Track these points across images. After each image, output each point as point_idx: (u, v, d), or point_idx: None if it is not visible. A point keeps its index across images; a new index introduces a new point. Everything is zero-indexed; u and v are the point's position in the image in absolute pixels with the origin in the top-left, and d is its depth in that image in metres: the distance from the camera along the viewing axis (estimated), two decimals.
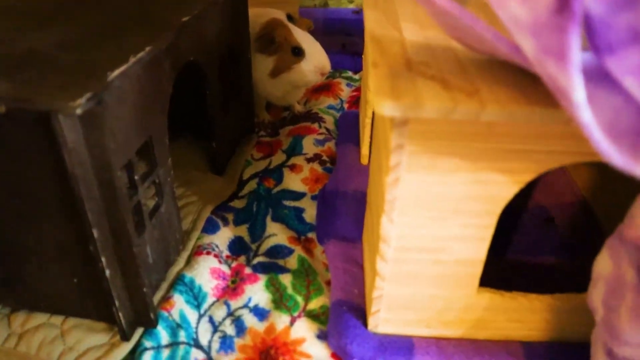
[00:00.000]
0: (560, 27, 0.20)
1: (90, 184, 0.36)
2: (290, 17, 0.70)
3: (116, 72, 0.35)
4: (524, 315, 0.41)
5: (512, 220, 0.53)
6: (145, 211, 0.44)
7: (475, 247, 0.37)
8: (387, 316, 0.42)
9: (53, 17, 0.45)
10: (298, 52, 0.66)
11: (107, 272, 0.39)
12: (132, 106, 0.39)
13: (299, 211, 0.57)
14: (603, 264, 0.34)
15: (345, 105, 0.76)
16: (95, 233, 0.37)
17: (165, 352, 0.43)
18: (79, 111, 0.31)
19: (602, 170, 0.54)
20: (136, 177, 0.41)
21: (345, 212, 0.55)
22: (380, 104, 0.29)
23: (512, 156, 0.32)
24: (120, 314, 0.42)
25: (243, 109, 0.67)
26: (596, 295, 0.34)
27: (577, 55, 0.20)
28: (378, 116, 0.41)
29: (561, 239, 0.52)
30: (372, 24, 0.39)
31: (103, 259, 0.39)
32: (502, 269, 0.46)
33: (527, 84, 0.30)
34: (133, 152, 0.40)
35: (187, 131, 0.68)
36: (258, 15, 0.69)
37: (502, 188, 0.34)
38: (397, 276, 0.39)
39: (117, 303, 0.41)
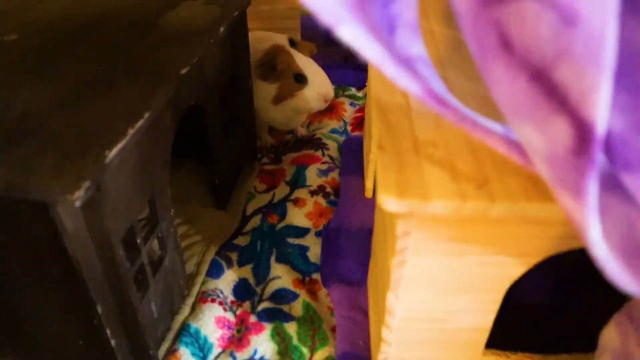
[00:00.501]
0: (578, 168, 0.19)
1: (92, 263, 0.35)
2: (292, 42, 0.69)
3: (114, 150, 0.34)
4: None
5: None
6: (149, 270, 0.43)
7: (481, 318, 0.37)
8: None
9: (43, 69, 0.43)
10: (301, 79, 0.64)
11: (113, 342, 0.39)
12: (132, 174, 0.38)
13: (303, 249, 0.57)
14: (610, 337, 0.33)
15: (349, 128, 0.75)
16: (99, 308, 0.37)
17: None
18: (77, 203, 0.30)
19: None
20: (138, 240, 0.41)
21: (348, 253, 0.54)
22: (386, 201, 0.28)
23: (521, 240, 0.31)
24: None
25: (244, 137, 0.67)
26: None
27: (594, 197, 0.20)
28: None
29: (569, 282, 0.51)
30: (378, 86, 0.37)
31: (108, 331, 0.38)
32: (508, 319, 0.45)
33: None
34: (135, 218, 0.40)
35: (189, 157, 0.67)
36: (259, 40, 0.68)
37: (510, 269, 0.33)
38: (402, 342, 0.39)
39: None
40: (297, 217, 0.60)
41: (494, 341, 0.40)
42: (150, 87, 0.41)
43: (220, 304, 0.51)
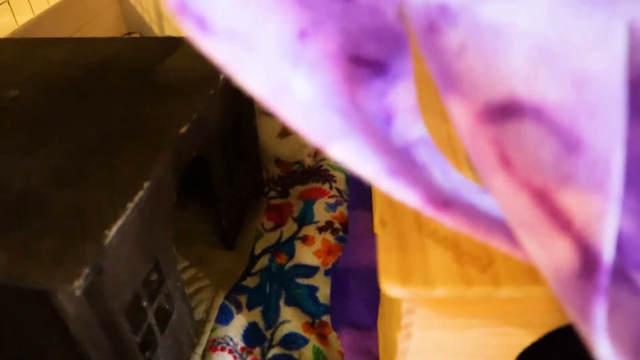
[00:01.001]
0: (584, 293, 0.19)
1: (97, 340, 0.35)
2: None
3: (114, 229, 0.34)
4: None
5: None
6: (156, 329, 0.43)
7: None
8: None
9: (44, 133, 0.43)
10: None
11: None
12: (134, 243, 0.38)
13: (313, 290, 0.56)
14: None
15: None
16: None
17: None
18: (78, 292, 0.30)
19: None
20: (145, 304, 0.41)
21: (357, 295, 0.54)
22: (388, 288, 0.27)
23: (530, 314, 0.31)
24: None
25: (250, 174, 0.66)
26: None
27: (601, 319, 0.19)
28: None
29: None
30: None
31: None
32: None
33: None
34: (139, 284, 0.39)
35: (195, 197, 0.67)
36: None
37: (519, 339, 0.32)
38: None
39: None
40: (306, 255, 0.59)
41: None
42: (150, 152, 0.41)
43: (231, 352, 0.51)
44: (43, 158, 0.40)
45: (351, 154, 0.20)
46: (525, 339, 0.32)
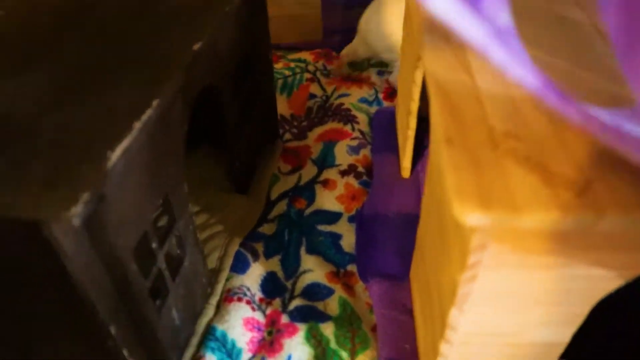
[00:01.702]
0: None
1: (101, 284, 0.30)
2: None
3: (118, 150, 0.28)
4: None
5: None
6: (167, 275, 0.38)
7: (559, 333, 0.31)
8: None
9: (32, 55, 0.37)
10: None
11: None
12: (142, 175, 0.32)
13: (336, 238, 0.51)
14: None
15: (381, 96, 0.68)
16: (113, 330, 0.32)
17: None
18: (76, 222, 0.25)
19: None
20: (154, 245, 0.36)
21: (387, 243, 0.49)
22: (464, 214, 0.22)
23: (622, 250, 0.25)
24: None
25: (265, 113, 0.60)
26: None
27: None
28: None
29: None
30: (434, 60, 0.31)
31: (125, 352, 0.33)
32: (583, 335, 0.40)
33: None
34: (148, 222, 0.34)
35: (204, 139, 0.61)
36: None
37: (604, 283, 0.27)
38: (461, 356, 0.34)
39: None
40: (328, 201, 0.54)
41: (567, 354, 0.35)
42: (159, 71, 0.35)
43: (248, 302, 0.46)
44: (32, 81, 0.34)
45: (455, 12, 0.15)
46: (611, 284, 0.27)
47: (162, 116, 0.34)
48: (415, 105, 0.49)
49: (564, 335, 0.31)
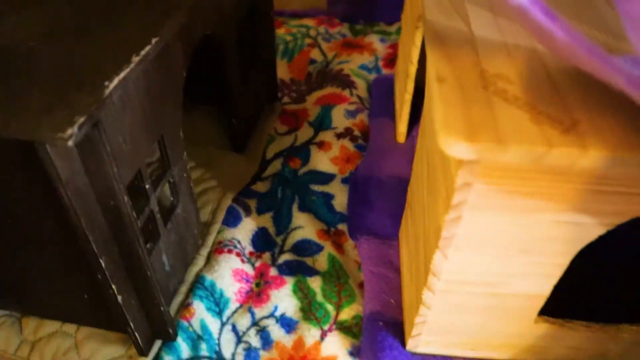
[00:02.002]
0: None
1: (93, 213, 0.30)
2: None
3: (115, 80, 0.28)
4: (584, 344, 0.36)
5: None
6: (159, 219, 0.39)
7: (539, 283, 0.32)
8: (429, 339, 0.38)
9: None
10: None
11: (120, 298, 0.35)
12: (138, 111, 0.33)
13: (328, 198, 0.52)
14: None
15: (381, 64, 0.68)
16: (103, 262, 0.32)
17: None
18: (71, 143, 0.25)
19: None
20: (147, 186, 0.36)
21: (379, 204, 0.49)
22: (449, 145, 0.22)
23: (605, 198, 0.26)
24: (136, 333, 0.38)
25: (265, 76, 0.60)
26: None
27: None
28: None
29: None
30: (433, 9, 0.31)
31: (114, 286, 0.34)
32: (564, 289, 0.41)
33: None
34: (143, 161, 0.35)
35: (203, 99, 0.61)
36: None
37: (585, 230, 0.28)
38: (444, 306, 0.34)
39: (132, 324, 0.37)
40: (322, 161, 0.55)
41: (547, 307, 0.35)
42: (161, 12, 0.35)
43: (238, 255, 0.47)
44: (36, 16, 0.35)
45: None
46: (595, 230, 0.28)
47: (161, 56, 0.35)
48: (413, 68, 0.49)
49: (545, 287, 0.32)
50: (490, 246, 0.29)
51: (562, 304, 0.35)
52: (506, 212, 0.27)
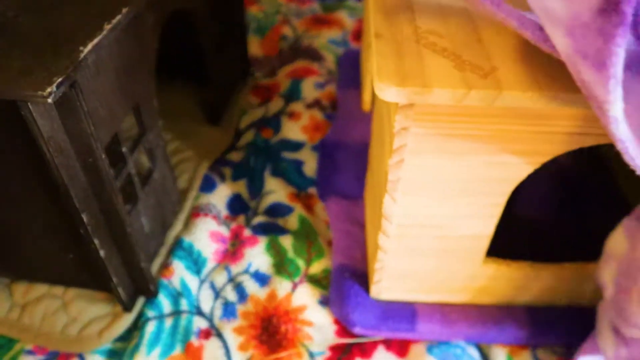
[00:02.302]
0: (604, 31, 0.17)
1: (74, 170, 0.33)
2: None
3: (89, 45, 0.31)
4: (530, 283, 0.40)
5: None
6: (137, 181, 0.41)
7: (482, 224, 0.35)
8: (389, 285, 0.41)
9: None
10: None
11: (102, 252, 0.38)
12: (112, 77, 0.35)
13: (299, 164, 0.55)
14: (617, 243, 0.32)
15: (349, 38, 0.71)
16: (85, 218, 0.35)
17: (168, 321, 0.43)
18: (50, 100, 0.28)
19: None
20: (124, 150, 0.39)
21: (346, 167, 0.52)
22: (383, 89, 0.26)
23: (529, 138, 0.29)
24: (119, 289, 0.41)
25: (237, 51, 0.63)
26: (607, 272, 0.33)
27: (619, 66, 0.17)
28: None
29: (575, 197, 0.49)
30: None
31: (96, 241, 0.37)
32: (509, 229, 0.44)
33: (550, 58, 0.27)
34: (119, 125, 0.37)
35: (181, 74, 0.64)
36: None
37: (515, 169, 0.31)
38: (400, 250, 0.38)
39: (114, 279, 0.40)
40: (292, 131, 0.58)
41: (495, 251, 0.39)
42: None
43: (214, 218, 0.50)
44: None
45: None
46: (522, 170, 0.31)
47: (133, 25, 0.37)
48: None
49: (488, 227, 0.35)
50: (433, 189, 0.33)
51: (509, 248, 0.39)
52: (443, 155, 0.30)
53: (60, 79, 0.28)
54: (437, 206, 0.34)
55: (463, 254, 0.38)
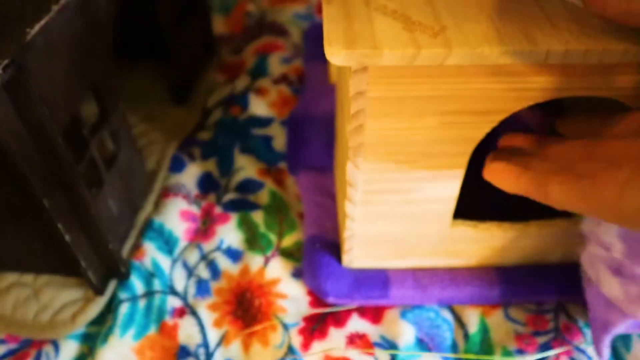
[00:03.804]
0: None
1: (31, 155, 0.33)
2: None
3: (36, 27, 0.30)
4: (499, 243, 0.41)
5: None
6: (101, 164, 0.41)
7: (446, 186, 0.36)
8: (360, 252, 0.41)
9: None
10: None
11: (67, 237, 0.37)
12: (66, 59, 0.35)
13: (268, 140, 0.55)
14: None
15: (314, 11, 0.70)
16: (47, 203, 0.35)
17: (142, 302, 0.43)
18: None
19: None
20: (85, 132, 0.38)
21: (315, 139, 0.52)
22: (333, 54, 0.25)
23: (482, 96, 0.29)
24: (89, 272, 0.41)
25: (200, 29, 0.62)
26: (608, 229, 0.32)
27: None
28: None
29: None
30: None
31: (60, 226, 0.37)
32: (475, 193, 0.45)
33: (499, 15, 0.27)
34: (77, 108, 0.37)
35: (142, 55, 0.63)
36: None
37: (472, 129, 0.31)
38: (367, 217, 0.38)
39: (83, 264, 0.40)
40: (260, 107, 0.57)
41: (463, 214, 0.39)
42: None
43: (184, 197, 0.49)
44: None
45: None
46: (480, 129, 0.31)
47: (84, 4, 0.36)
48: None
49: (452, 189, 0.36)
50: (393, 153, 0.33)
51: (476, 209, 0.39)
52: (400, 118, 0.30)
53: (5, 62, 0.28)
54: (400, 171, 0.34)
55: (430, 217, 0.38)
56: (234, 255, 0.46)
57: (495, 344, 0.40)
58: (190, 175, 0.51)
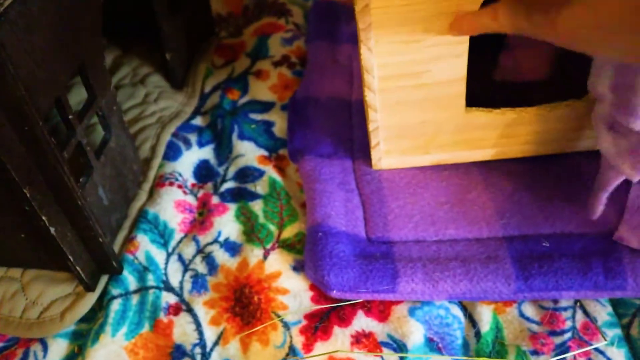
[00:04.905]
0: None
1: (10, 141, 0.30)
2: None
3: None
4: (515, 130, 0.42)
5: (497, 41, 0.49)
6: (89, 151, 0.38)
7: (453, 66, 0.38)
8: (386, 147, 0.43)
9: None
10: None
11: (52, 230, 0.35)
12: (50, 35, 0.32)
13: (269, 125, 0.52)
14: None
15: None
16: (28, 192, 0.32)
17: (135, 299, 0.40)
18: None
19: None
20: (71, 116, 0.36)
21: (318, 124, 0.49)
22: None
23: None
24: (78, 267, 0.38)
25: (197, 10, 0.59)
26: (602, 78, 0.34)
27: None
28: None
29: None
30: None
31: (44, 218, 0.34)
32: (490, 90, 0.46)
33: None
34: (62, 89, 0.34)
35: (138, 37, 0.60)
36: None
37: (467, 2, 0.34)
38: (387, 106, 0.41)
39: (71, 258, 0.37)
40: (261, 91, 0.54)
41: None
42: None
43: (180, 187, 0.47)
44: None
45: None
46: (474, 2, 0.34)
47: None
48: None
49: (459, 68, 0.38)
50: (400, 33, 0.36)
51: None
52: None
53: None
54: (408, 52, 0.37)
55: (443, 101, 0.40)
56: (232, 248, 0.43)
57: (508, 344, 0.38)
58: (186, 164, 0.49)
